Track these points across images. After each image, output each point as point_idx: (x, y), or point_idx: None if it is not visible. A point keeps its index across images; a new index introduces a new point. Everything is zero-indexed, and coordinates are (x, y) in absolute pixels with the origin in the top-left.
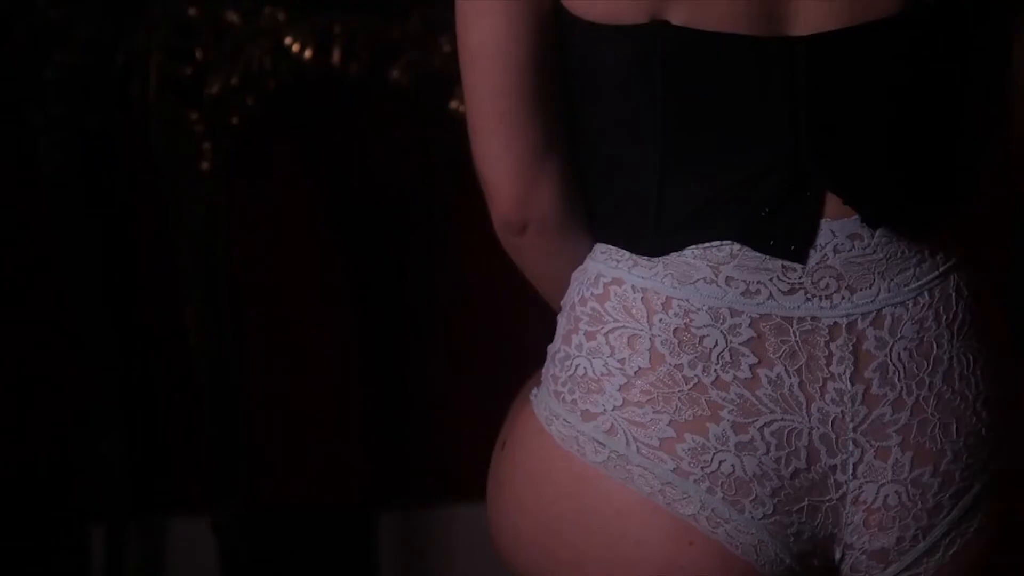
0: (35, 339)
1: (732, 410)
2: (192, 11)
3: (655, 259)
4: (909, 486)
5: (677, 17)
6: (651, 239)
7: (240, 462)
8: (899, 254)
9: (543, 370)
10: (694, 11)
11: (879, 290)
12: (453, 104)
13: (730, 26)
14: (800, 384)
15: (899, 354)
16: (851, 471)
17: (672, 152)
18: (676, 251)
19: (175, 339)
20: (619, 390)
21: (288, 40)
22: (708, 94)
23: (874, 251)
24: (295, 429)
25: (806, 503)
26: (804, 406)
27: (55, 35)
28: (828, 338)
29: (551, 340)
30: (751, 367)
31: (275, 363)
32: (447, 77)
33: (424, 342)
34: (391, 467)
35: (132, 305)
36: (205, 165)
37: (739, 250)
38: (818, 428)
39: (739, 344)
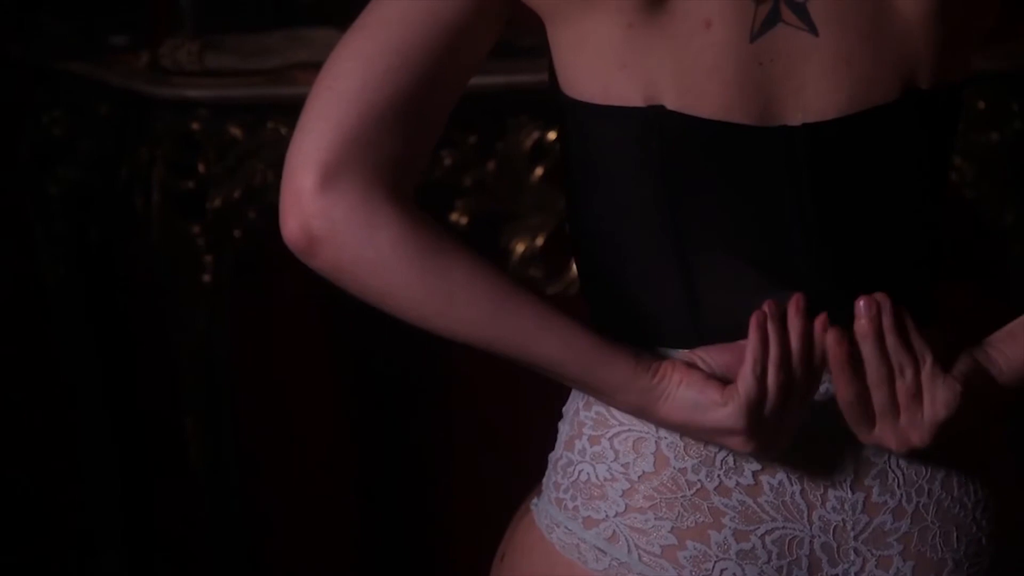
0: (36, 451)
1: (734, 517)
2: (195, 125)
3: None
4: None
5: (671, 101)
6: (688, 332)
7: (239, 570)
8: None
9: (544, 479)
10: (687, 96)
11: None
12: (453, 216)
13: (725, 113)
14: (802, 492)
15: (897, 461)
16: None
17: (681, 237)
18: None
19: (175, 450)
20: (622, 495)
21: None
22: (707, 182)
23: None
24: (295, 538)
25: None
26: (806, 514)
27: (58, 150)
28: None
29: (551, 448)
30: (754, 473)
31: (275, 477)
32: (448, 189)
33: (422, 463)
34: None
35: (133, 417)
36: (206, 278)
37: None
38: (819, 537)
39: None
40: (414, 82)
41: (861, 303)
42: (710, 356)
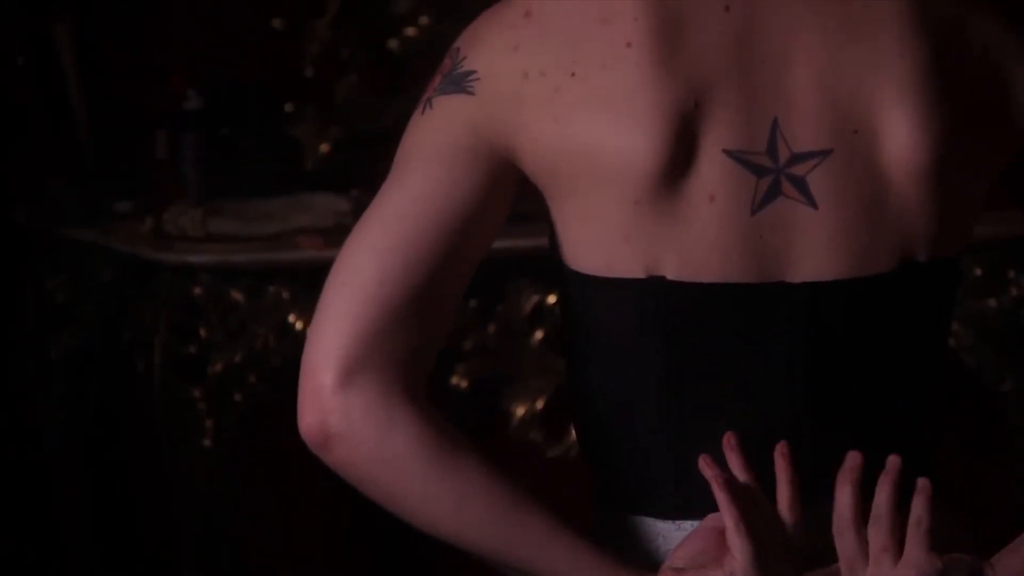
0: None
1: None
2: (197, 290)
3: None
4: None
5: (672, 272)
6: (677, 502)
7: None
8: None
9: None
10: (688, 267)
11: None
12: (454, 380)
13: (725, 279)
14: None
15: None
16: None
17: (678, 408)
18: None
19: None
20: None
21: (292, 317)
22: (706, 346)
23: None
24: None
25: None
26: None
27: (61, 316)
28: None
29: None
30: None
31: None
32: (449, 353)
33: None
34: None
35: None
36: (207, 442)
37: None
38: None
39: None
40: (430, 274)
41: (852, 454)
42: (686, 552)
